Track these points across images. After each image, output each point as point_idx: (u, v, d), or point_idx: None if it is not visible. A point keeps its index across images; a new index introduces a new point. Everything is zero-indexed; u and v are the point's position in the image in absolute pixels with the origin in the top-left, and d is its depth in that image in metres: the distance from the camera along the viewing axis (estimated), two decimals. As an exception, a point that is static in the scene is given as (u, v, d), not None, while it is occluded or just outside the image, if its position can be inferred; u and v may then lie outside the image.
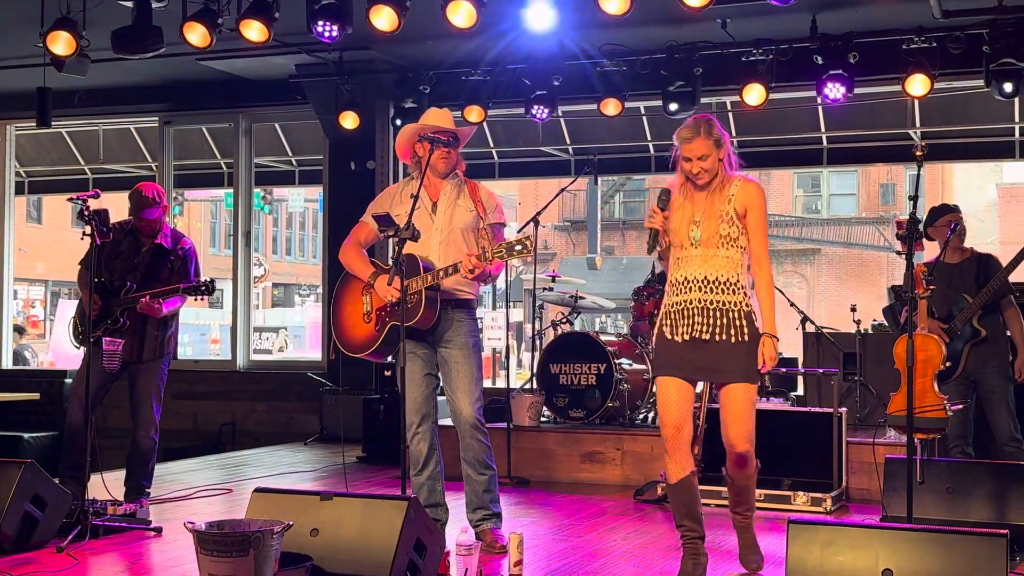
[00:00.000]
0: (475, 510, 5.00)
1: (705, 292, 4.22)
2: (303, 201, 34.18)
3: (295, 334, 26.41)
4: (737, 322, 4.21)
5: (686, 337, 4.24)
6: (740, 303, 4.23)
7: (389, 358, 5.60)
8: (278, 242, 36.27)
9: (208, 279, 5.87)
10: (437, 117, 5.08)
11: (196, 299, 5.91)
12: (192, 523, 3.67)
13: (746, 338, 4.21)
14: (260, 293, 31.70)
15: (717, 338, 4.20)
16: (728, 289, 4.22)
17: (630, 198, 32.02)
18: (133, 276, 5.87)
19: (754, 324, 4.24)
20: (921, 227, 5.64)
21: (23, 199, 19.21)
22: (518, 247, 4.54)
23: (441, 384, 5.06)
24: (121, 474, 6.01)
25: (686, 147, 4.27)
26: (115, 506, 5.32)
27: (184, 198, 25.89)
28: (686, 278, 4.27)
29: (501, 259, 4.61)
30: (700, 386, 6.86)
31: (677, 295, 4.29)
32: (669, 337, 4.30)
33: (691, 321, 4.23)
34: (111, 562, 4.74)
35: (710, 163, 4.27)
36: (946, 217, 6.04)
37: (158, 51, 7.04)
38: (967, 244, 6.08)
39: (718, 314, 4.21)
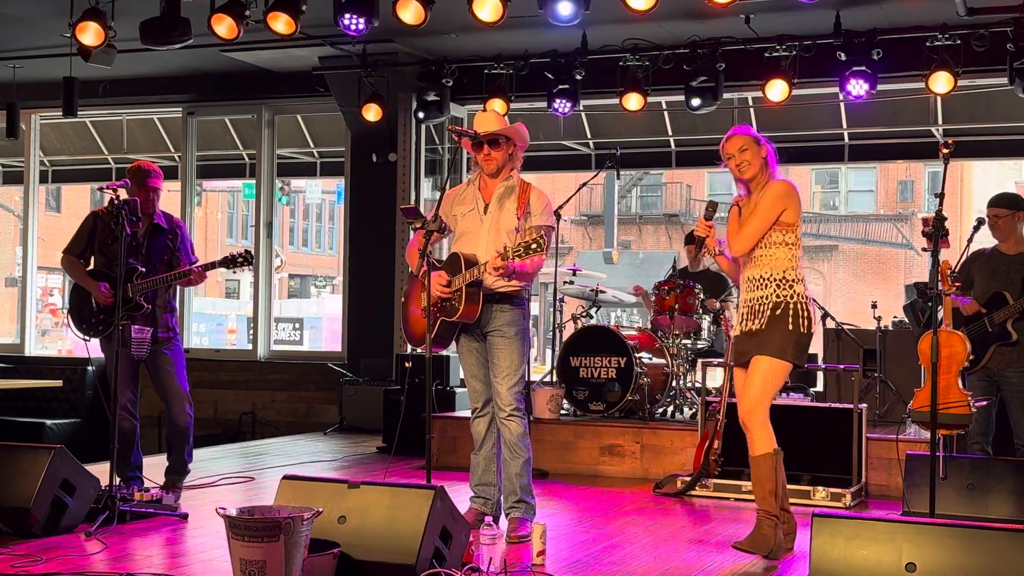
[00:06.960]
0: (508, 495, 5.10)
1: (747, 291, 4.77)
2: (320, 192, 34.25)
3: (311, 325, 26.49)
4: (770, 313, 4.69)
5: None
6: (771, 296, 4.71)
7: (445, 351, 5.76)
8: (295, 233, 36.37)
9: (245, 249, 5.92)
10: (478, 120, 5.14)
11: (235, 271, 5.95)
12: (223, 508, 3.72)
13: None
14: (276, 284, 31.78)
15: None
16: (763, 285, 4.72)
17: (647, 193, 31.98)
18: (136, 258, 5.89)
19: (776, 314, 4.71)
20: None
21: (43, 188, 19.32)
22: (534, 245, 4.61)
23: None
24: (154, 459, 6.09)
25: (726, 146, 4.72)
26: (142, 492, 5.39)
27: (202, 188, 26.00)
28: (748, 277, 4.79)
29: (520, 258, 4.68)
30: (720, 380, 6.95)
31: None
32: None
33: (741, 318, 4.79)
34: (140, 547, 4.79)
35: (751, 156, 4.67)
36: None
37: (185, 43, 7.09)
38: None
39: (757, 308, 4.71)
